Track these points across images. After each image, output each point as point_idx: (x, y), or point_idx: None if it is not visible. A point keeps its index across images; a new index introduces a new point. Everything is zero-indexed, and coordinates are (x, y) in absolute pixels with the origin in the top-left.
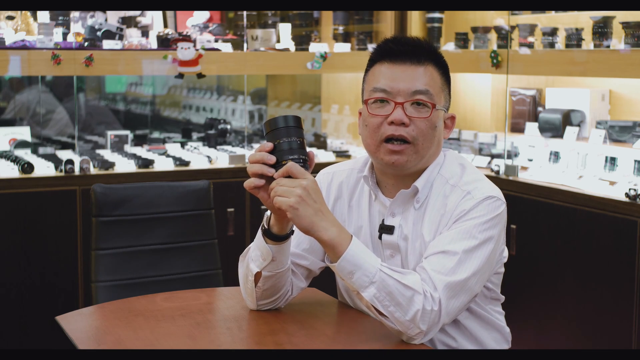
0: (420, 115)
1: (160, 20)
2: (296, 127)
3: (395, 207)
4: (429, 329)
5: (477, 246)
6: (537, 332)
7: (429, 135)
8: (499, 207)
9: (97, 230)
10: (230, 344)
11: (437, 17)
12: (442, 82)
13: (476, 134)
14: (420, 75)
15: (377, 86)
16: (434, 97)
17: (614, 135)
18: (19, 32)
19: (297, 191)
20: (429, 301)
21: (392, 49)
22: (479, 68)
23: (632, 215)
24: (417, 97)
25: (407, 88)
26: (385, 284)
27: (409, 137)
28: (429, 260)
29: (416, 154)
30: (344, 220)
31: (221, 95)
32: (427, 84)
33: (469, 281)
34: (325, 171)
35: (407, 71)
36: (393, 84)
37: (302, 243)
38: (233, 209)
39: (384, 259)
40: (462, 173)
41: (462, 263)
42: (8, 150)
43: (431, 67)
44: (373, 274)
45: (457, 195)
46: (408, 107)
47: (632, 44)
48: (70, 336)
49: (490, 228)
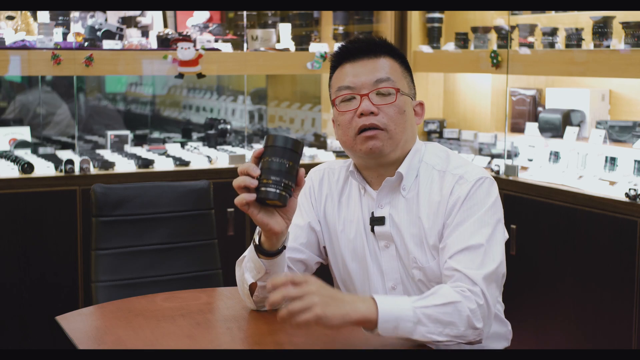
0: (387, 101)
1: (160, 20)
2: (293, 151)
3: (382, 198)
4: (485, 324)
5: (493, 231)
6: (537, 332)
7: (399, 119)
8: (493, 186)
9: (97, 230)
10: (230, 344)
11: (437, 17)
12: (401, 70)
13: (476, 134)
14: (379, 66)
15: (341, 85)
16: (396, 83)
17: (614, 135)
18: (19, 32)
19: (313, 300)
20: (471, 300)
21: (349, 48)
22: (479, 68)
23: (632, 215)
24: (380, 85)
25: (368, 80)
26: (427, 316)
27: (380, 124)
28: (456, 259)
29: (390, 140)
30: (335, 216)
31: (221, 95)
32: (387, 72)
33: (499, 267)
34: (316, 169)
35: (366, 65)
36: (355, 79)
37: (299, 237)
38: (233, 209)
39: (379, 250)
40: (448, 159)
41: (488, 252)
42: (8, 150)
43: (389, 58)
44: (412, 316)
45: (449, 180)
46: (373, 97)
47: (632, 44)
48: (70, 336)
49: (497, 210)
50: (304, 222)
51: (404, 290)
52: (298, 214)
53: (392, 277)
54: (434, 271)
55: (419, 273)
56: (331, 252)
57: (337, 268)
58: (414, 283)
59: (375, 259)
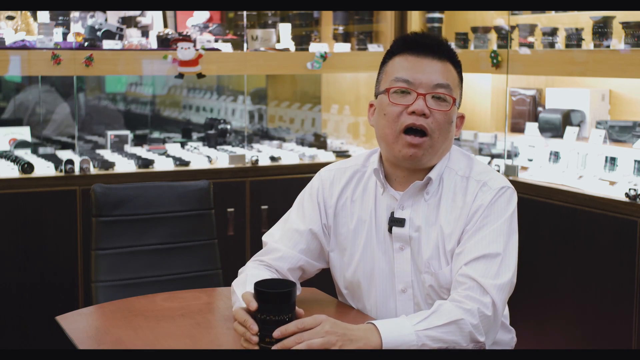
0: (440, 108)
1: (160, 20)
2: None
3: (406, 200)
4: (488, 336)
5: (509, 240)
6: (537, 332)
7: (446, 129)
8: (514, 196)
9: (97, 230)
10: (230, 344)
11: (437, 17)
12: (458, 80)
13: (476, 134)
14: (441, 69)
15: (399, 76)
16: (453, 92)
17: (614, 135)
18: (19, 32)
19: (331, 339)
20: (474, 314)
21: (417, 41)
22: (479, 68)
23: (632, 215)
24: (438, 90)
25: (429, 80)
26: (430, 338)
27: (428, 128)
28: (472, 267)
29: (432, 148)
30: (347, 215)
31: (221, 95)
32: (447, 79)
33: (513, 277)
34: (327, 168)
35: (429, 64)
36: (416, 75)
37: (299, 243)
38: (233, 209)
39: (393, 252)
40: (471, 164)
41: (504, 262)
42: (8, 150)
43: (450, 64)
44: (416, 340)
45: (473, 187)
46: (429, 99)
47: (632, 44)
48: (70, 336)
49: (513, 221)
50: (304, 228)
51: (413, 294)
52: (300, 218)
53: (403, 280)
54: (447, 277)
55: (431, 279)
56: (339, 252)
57: (342, 268)
58: (424, 288)
59: (388, 260)
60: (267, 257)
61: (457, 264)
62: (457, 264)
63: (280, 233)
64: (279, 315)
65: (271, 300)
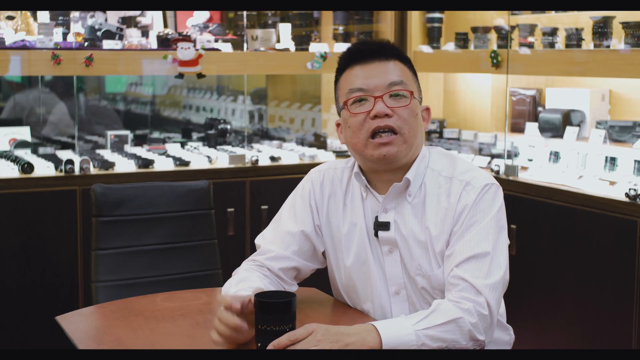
0: (400, 104)
1: (160, 20)
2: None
3: (388, 203)
4: (486, 334)
5: (497, 238)
6: (537, 332)
7: (413, 123)
8: (499, 192)
9: (97, 230)
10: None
11: (437, 17)
12: (411, 74)
13: (476, 134)
14: (391, 69)
15: (353, 87)
16: (408, 86)
17: (614, 135)
18: (19, 32)
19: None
20: (472, 313)
21: (360, 50)
22: (479, 68)
23: (632, 215)
24: (393, 88)
25: (382, 82)
26: (430, 337)
27: (395, 126)
28: (463, 268)
29: (405, 144)
30: (339, 218)
31: (221, 95)
32: (400, 75)
33: (505, 274)
34: (317, 169)
35: (378, 68)
36: (368, 81)
37: (290, 245)
38: (233, 209)
39: (382, 255)
40: (454, 164)
41: (494, 260)
42: (8, 150)
43: (398, 62)
44: (415, 340)
45: (456, 186)
46: (387, 100)
47: (632, 44)
48: (70, 336)
49: (502, 216)
50: (296, 229)
51: (407, 295)
52: (291, 220)
53: (395, 282)
54: (439, 279)
55: (423, 280)
56: (333, 255)
57: (338, 271)
58: (418, 290)
59: (378, 263)
60: (260, 257)
61: (448, 266)
62: (448, 265)
63: (272, 235)
64: (279, 326)
65: (271, 311)
